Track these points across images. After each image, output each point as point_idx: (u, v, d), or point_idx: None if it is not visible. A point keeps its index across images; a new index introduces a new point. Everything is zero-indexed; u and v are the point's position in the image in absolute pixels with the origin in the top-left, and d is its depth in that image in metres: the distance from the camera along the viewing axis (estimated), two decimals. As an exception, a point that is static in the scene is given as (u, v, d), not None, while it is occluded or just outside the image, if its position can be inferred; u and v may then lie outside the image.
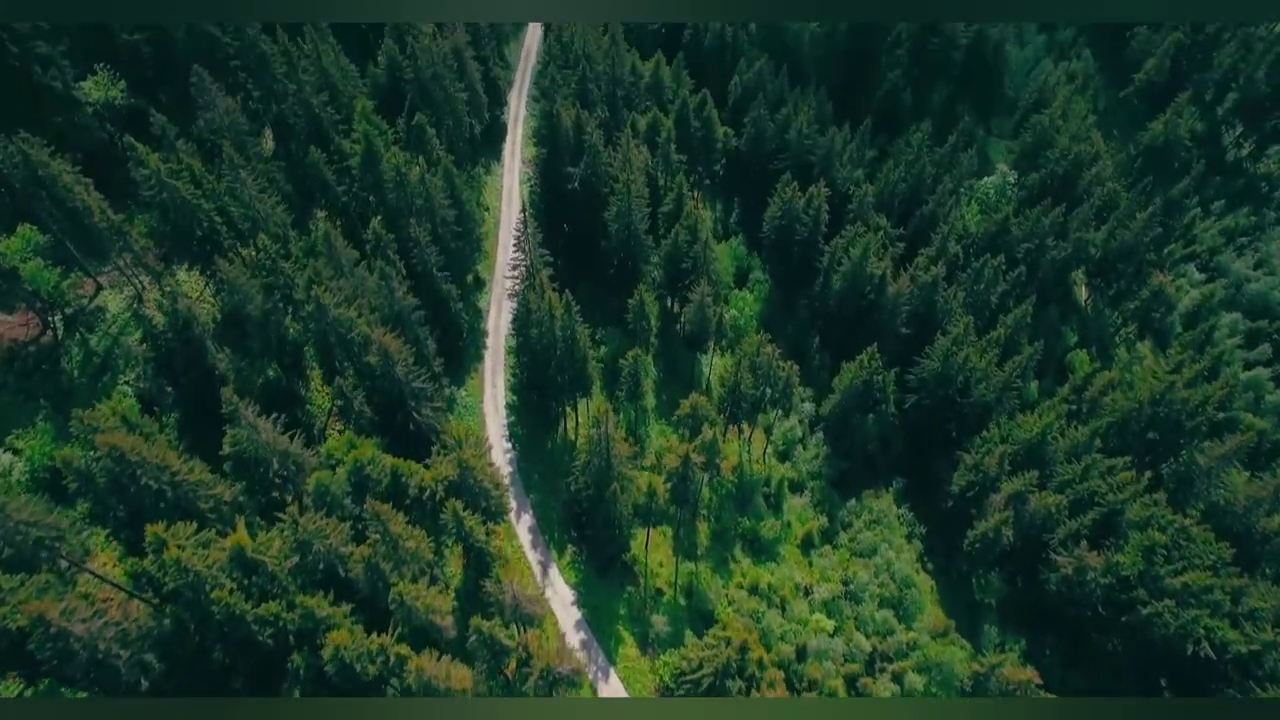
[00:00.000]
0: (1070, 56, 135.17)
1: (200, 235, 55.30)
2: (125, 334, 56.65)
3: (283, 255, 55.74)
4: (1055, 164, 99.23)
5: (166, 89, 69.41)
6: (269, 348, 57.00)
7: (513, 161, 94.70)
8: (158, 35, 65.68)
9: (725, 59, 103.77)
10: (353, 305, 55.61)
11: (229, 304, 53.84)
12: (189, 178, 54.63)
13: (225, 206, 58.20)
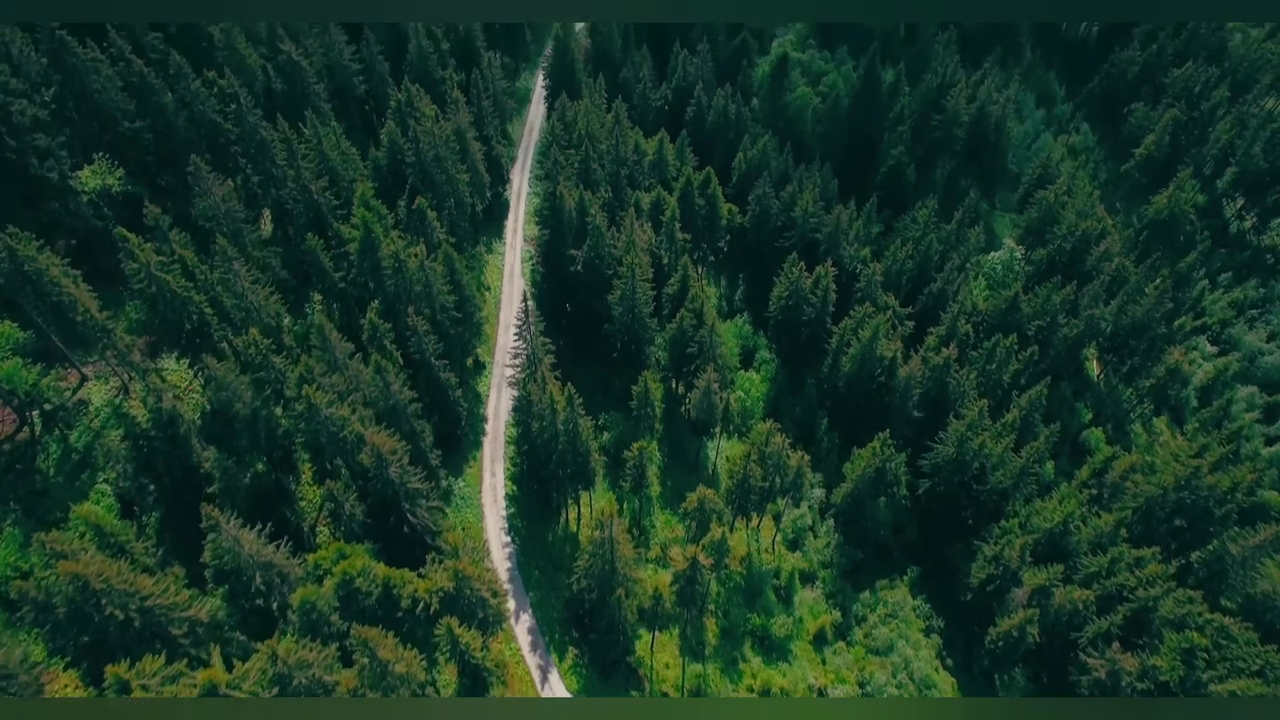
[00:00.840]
0: (1069, 130, 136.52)
1: (190, 328, 53.32)
2: (107, 429, 54.13)
3: (274, 349, 53.63)
4: (1063, 240, 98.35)
5: (167, 173, 68.53)
6: (257, 444, 54.42)
7: (515, 238, 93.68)
8: (159, 122, 64.90)
9: (728, 135, 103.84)
10: (346, 401, 53.30)
11: (216, 400, 51.45)
12: (180, 270, 52.90)
13: (218, 297, 56.41)
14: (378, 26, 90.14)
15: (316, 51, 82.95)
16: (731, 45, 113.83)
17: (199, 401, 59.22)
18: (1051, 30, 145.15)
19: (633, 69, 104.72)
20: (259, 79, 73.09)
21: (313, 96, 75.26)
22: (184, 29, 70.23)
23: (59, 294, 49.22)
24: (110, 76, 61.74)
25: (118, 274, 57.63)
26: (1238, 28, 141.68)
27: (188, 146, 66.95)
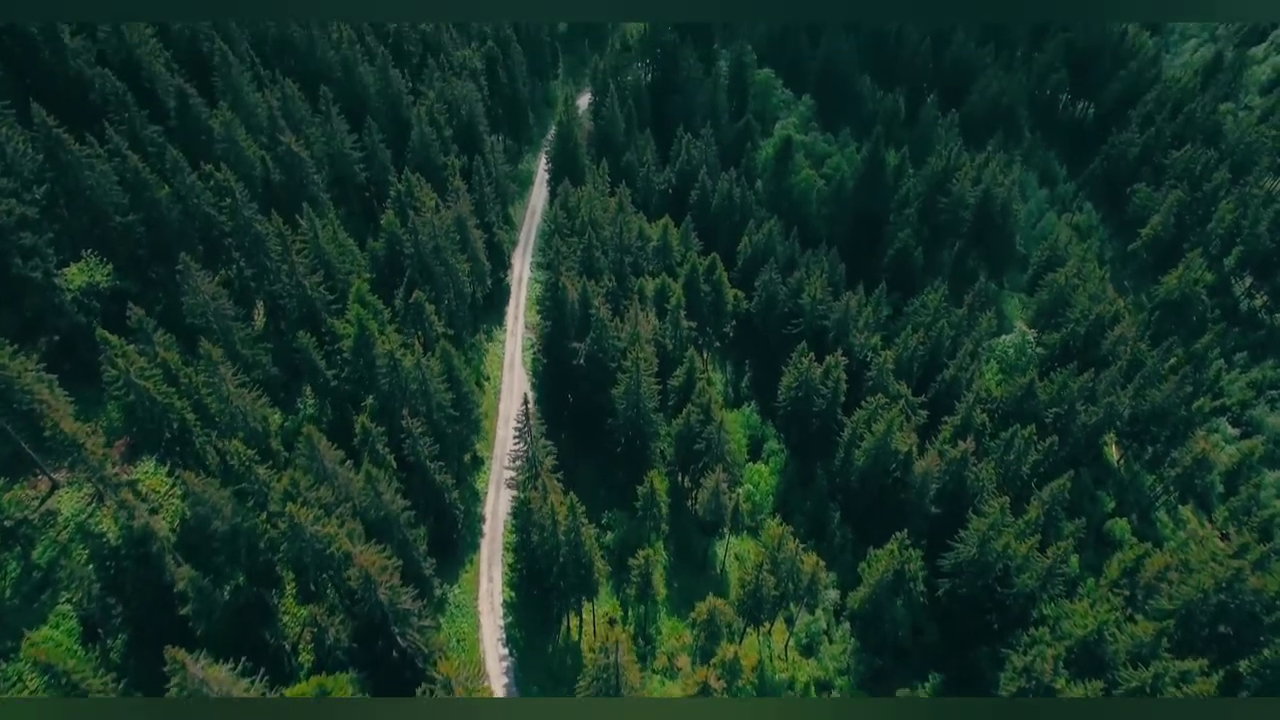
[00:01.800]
0: (1072, 209, 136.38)
1: (170, 437, 50.30)
2: (74, 545, 50.45)
3: (258, 459, 50.42)
4: (1076, 324, 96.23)
5: (159, 266, 66.44)
6: (237, 559, 50.74)
7: (516, 325, 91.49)
8: (153, 215, 63.21)
9: (733, 218, 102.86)
10: (334, 514, 49.82)
11: (194, 517, 48.02)
12: (162, 374, 50.17)
13: (202, 400, 53.55)
14: (379, 115, 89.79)
15: (318, 140, 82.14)
16: (735, 128, 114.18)
17: (178, 507, 55.74)
18: (1048, 111, 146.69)
19: (635, 152, 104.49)
20: (258, 170, 71.86)
21: (311, 186, 73.94)
22: (183, 120, 69.25)
23: (30, 402, 46.32)
24: (105, 172, 60.25)
25: (101, 372, 54.90)
26: (1226, 112, 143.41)
27: (181, 239, 65.11)
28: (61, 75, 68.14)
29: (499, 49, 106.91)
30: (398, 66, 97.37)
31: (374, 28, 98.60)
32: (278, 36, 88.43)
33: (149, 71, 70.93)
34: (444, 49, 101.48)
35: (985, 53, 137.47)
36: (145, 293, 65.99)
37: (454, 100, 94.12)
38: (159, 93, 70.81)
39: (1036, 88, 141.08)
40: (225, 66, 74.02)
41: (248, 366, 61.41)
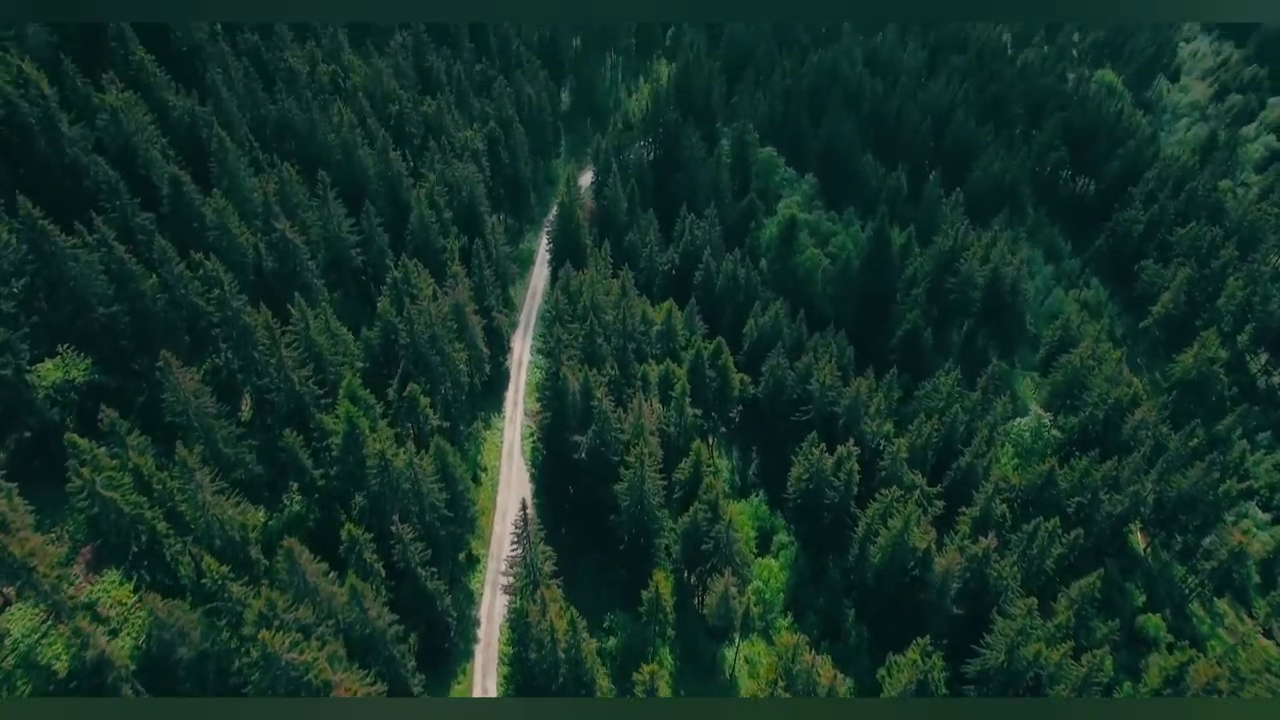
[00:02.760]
0: (1079, 285, 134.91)
1: (137, 551, 46.58)
2: (18, 673, 46.02)
3: (233, 576, 46.52)
4: (1094, 408, 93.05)
5: (142, 357, 63.65)
6: (204, 688, 46.35)
7: (515, 412, 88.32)
8: (138, 306, 60.83)
9: (738, 299, 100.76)
10: (314, 635, 45.68)
11: (157, 644, 43.95)
12: (132, 485, 46.75)
13: (176, 507, 49.98)
14: (378, 198, 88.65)
15: (315, 223, 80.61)
16: (738, 207, 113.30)
17: (144, 622, 51.49)
18: (1050, 187, 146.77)
19: (638, 232, 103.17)
20: (250, 257, 69.87)
21: (305, 273, 71.91)
22: (176, 208, 67.56)
23: (-13, 516, 42.79)
24: (90, 262, 58.08)
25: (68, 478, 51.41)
26: (1226, 190, 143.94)
27: (167, 330, 62.63)
28: (57, 163, 66.85)
29: (501, 129, 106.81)
30: (399, 148, 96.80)
31: (375, 110, 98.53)
32: (278, 120, 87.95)
33: (144, 158, 69.65)
34: (445, 130, 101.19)
35: (985, 131, 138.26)
36: (126, 385, 63.14)
37: (455, 182, 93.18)
38: (154, 179, 69.36)
39: (1037, 165, 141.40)
40: (222, 152, 72.87)
41: (230, 466, 58.01)
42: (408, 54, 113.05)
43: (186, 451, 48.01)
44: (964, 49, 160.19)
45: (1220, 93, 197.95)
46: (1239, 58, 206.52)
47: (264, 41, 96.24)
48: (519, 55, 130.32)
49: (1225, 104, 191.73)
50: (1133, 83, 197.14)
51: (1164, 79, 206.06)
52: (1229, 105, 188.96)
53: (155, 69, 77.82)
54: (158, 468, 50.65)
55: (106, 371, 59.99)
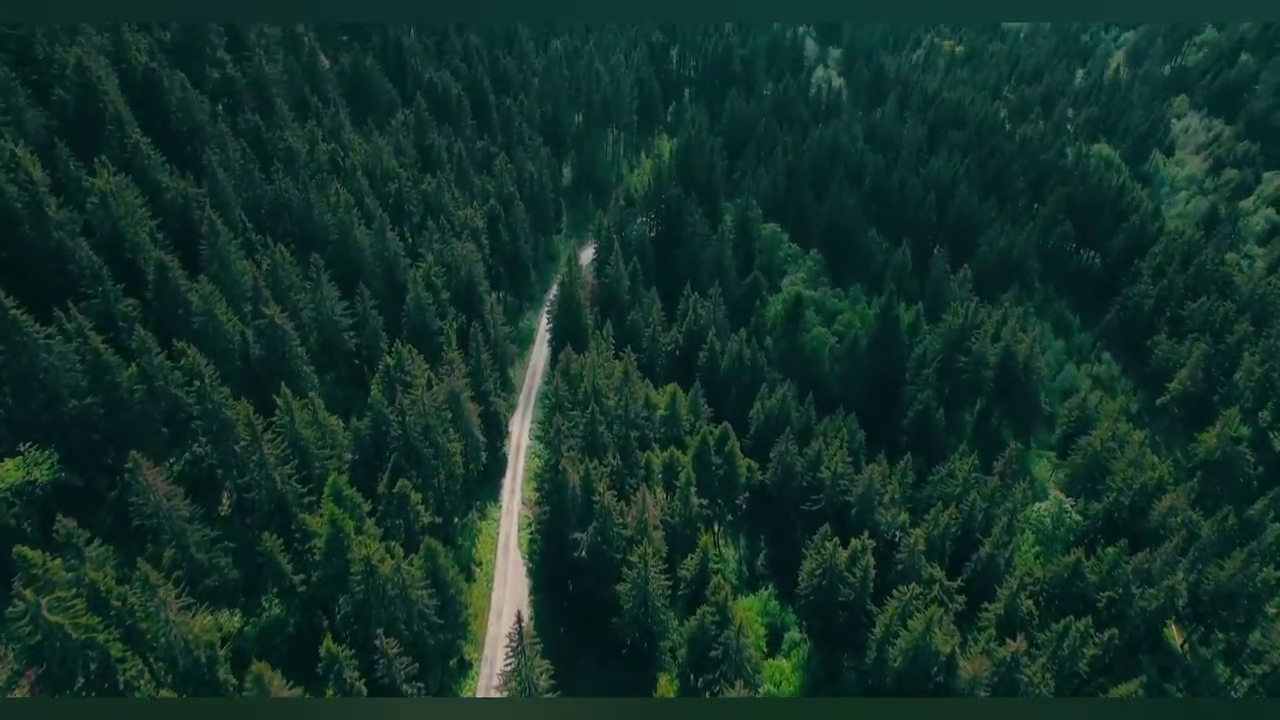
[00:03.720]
0: (1091, 360, 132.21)
1: (85, 680, 42.16)
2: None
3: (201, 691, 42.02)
4: (1119, 493, 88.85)
5: (114, 450, 60.17)
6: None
7: (512, 500, 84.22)
8: (113, 398, 57.66)
9: (743, 379, 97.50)
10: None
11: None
12: (85, 605, 42.59)
13: (137, 624, 45.68)
14: (375, 278, 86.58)
15: (307, 306, 78.22)
16: (742, 285, 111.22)
17: (100, 754, 46.54)
18: (1055, 261, 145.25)
19: (640, 311, 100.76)
20: (235, 345, 67.03)
21: (294, 361, 68.90)
22: (161, 293, 65.06)
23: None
24: (64, 353, 55.20)
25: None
26: (1233, 263, 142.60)
27: (143, 422, 59.36)
28: (41, 248, 64.73)
29: (501, 207, 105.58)
30: (397, 227, 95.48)
31: (374, 189, 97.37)
32: (274, 200, 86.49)
33: (132, 242, 67.54)
34: (445, 208, 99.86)
35: (989, 206, 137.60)
36: (97, 482, 59.58)
37: (453, 261, 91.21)
38: (140, 263, 67.12)
39: (1042, 239, 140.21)
40: (213, 235, 70.83)
41: (203, 571, 53.93)
42: (409, 132, 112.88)
43: (148, 567, 44.03)
44: (962, 125, 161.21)
45: (1215, 167, 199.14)
46: (1230, 134, 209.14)
47: (264, 121, 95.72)
48: (520, 132, 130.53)
49: (1222, 178, 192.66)
50: (1129, 157, 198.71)
51: (1159, 153, 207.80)
52: (1226, 179, 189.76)
53: (150, 151, 76.66)
54: (118, 581, 46.51)
55: (74, 469, 56.43)
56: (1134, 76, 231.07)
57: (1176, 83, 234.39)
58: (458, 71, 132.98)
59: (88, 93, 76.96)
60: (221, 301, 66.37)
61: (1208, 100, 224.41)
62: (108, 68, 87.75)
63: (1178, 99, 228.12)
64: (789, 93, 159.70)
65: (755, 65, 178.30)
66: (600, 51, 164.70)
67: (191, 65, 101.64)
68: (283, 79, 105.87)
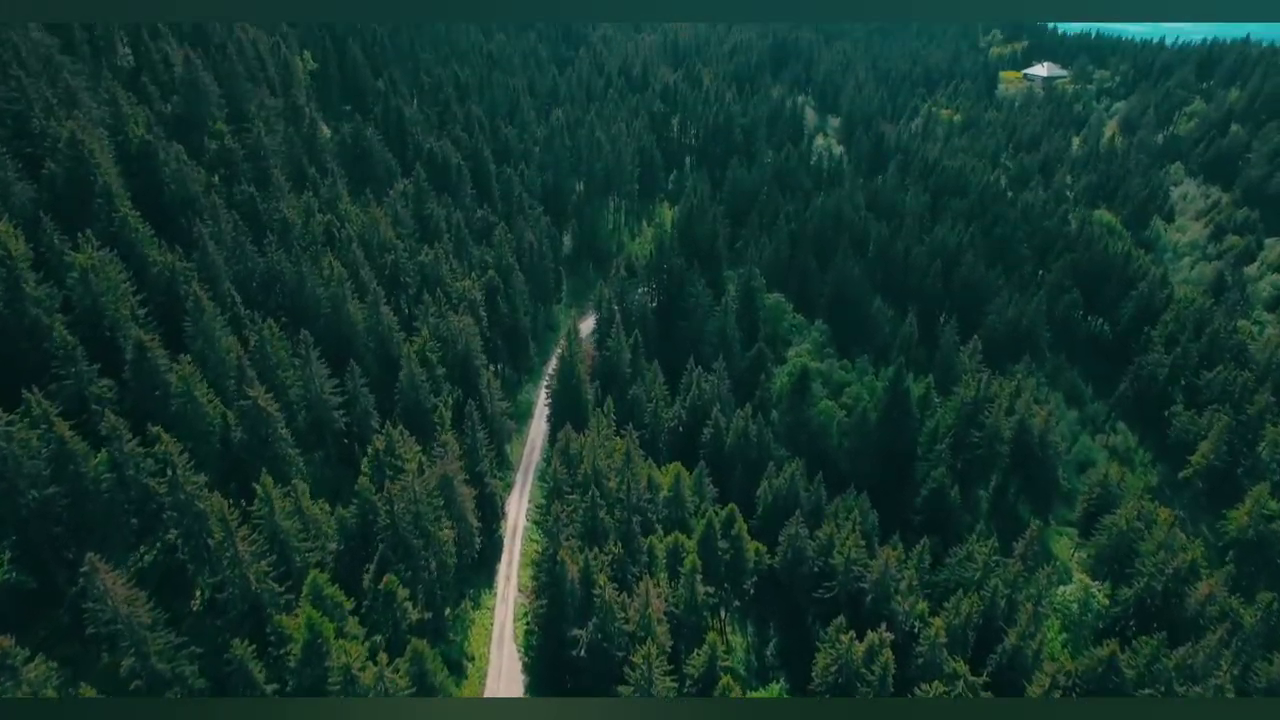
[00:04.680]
0: (1106, 430, 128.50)
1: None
2: None
3: None
4: (1150, 578, 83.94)
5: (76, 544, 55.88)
6: None
7: (508, 588, 79.35)
8: (78, 488, 53.76)
9: (750, 456, 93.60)
10: None
11: None
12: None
13: (86, 751, 40.92)
14: (368, 353, 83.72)
15: (295, 383, 74.98)
16: (747, 357, 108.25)
17: None
18: (1064, 328, 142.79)
19: (643, 386, 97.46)
20: (216, 428, 63.43)
21: (277, 444, 65.17)
22: (139, 373, 61.76)
23: None
24: (25, 441, 51.55)
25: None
26: (1245, 330, 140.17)
27: (110, 513, 55.30)
28: (16, 325, 61.76)
29: (500, 278, 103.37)
30: (392, 300, 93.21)
31: (370, 260, 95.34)
32: (265, 273, 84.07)
33: (112, 319, 64.63)
34: (442, 280, 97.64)
35: (995, 274, 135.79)
36: (55, 578, 55.09)
37: (449, 335, 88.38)
38: (119, 341, 64.09)
39: (1049, 306, 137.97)
40: (198, 312, 68.00)
41: (165, 682, 49.16)
42: (407, 202, 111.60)
43: (88, 688, 39.50)
44: (964, 192, 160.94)
45: (1217, 233, 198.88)
46: (1229, 200, 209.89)
47: (260, 192, 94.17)
48: (521, 201, 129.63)
49: (1224, 244, 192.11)
50: (1129, 223, 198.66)
51: (1159, 219, 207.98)
52: (1228, 245, 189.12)
53: (139, 225, 74.52)
54: (64, 697, 41.92)
55: (31, 565, 52.26)
56: (1129, 144, 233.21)
57: (1170, 151, 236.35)
58: (459, 141, 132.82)
59: (78, 166, 75.18)
60: (202, 383, 63.05)
61: (1203, 168, 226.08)
62: (104, 139, 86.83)
63: (1173, 166, 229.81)
64: (790, 161, 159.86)
65: (756, 134, 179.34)
66: (601, 120, 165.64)
67: (190, 137, 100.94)
68: (281, 149, 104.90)
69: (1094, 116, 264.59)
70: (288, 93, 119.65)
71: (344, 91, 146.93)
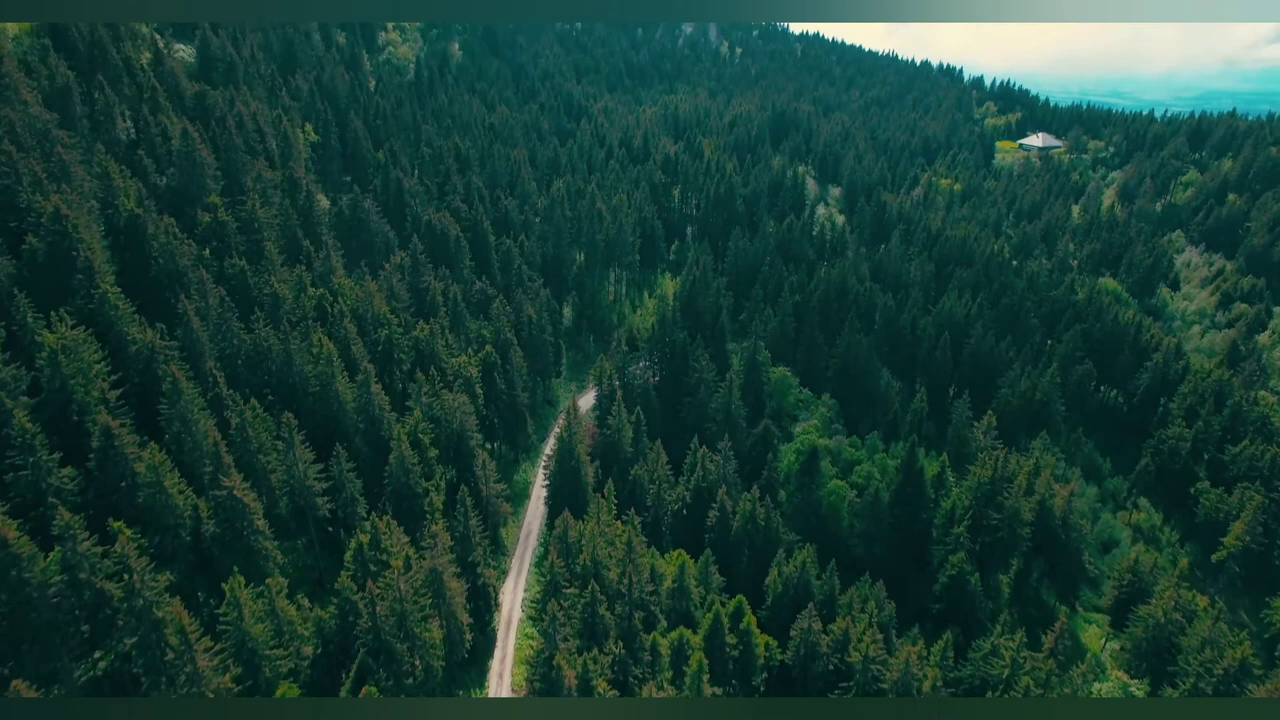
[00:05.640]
0: (1128, 507, 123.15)
1: None
2: None
3: None
4: (1197, 678, 77.79)
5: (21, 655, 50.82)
6: None
7: (500, 686, 73.04)
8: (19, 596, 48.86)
9: (757, 541, 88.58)
10: None
11: None
12: None
13: None
14: (357, 434, 79.74)
15: (278, 467, 70.73)
16: (752, 434, 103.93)
17: None
18: (1078, 400, 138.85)
19: (645, 466, 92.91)
20: (187, 521, 58.92)
21: (254, 537, 60.55)
22: (104, 463, 57.55)
23: None
24: (-30, 542, 47.07)
25: None
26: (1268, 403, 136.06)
27: (56, 620, 50.31)
28: (-20, 408, 57.88)
29: (498, 354, 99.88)
30: (385, 377, 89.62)
31: (364, 335, 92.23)
32: (252, 351, 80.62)
33: (81, 402, 60.84)
34: (437, 356, 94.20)
35: (1005, 345, 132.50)
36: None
37: (442, 415, 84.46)
38: (88, 426, 60.12)
39: (1063, 379, 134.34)
40: (174, 394, 64.21)
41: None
42: (404, 275, 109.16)
43: None
44: (969, 262, 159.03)
45: (1224, 301, 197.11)
46: (1233, 268, 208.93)
47: (251, 266, 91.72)
48: (520, 273, 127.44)
49: (1233, 312, 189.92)
50: (1135, 291, 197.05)
51: (1164, 287, 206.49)
52: (1238, 313, 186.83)
53: (120, 301, 71.28)
54: None
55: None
56: (1129, 213, 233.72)
57: (1170, 219, 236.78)
58: (458, 212, 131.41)
59: (61, 240, 72.58)
60: (173, 472, 58.79)
61: (1204, 236, 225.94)
62: (94, 213, 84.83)
63: (1174, 234, 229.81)
64: (793, 231, 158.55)
65: (757, 204, 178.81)
66: (603, 191, 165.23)
67: (185, 210, 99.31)
68: (276, 222, 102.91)
69: (1091, 185, 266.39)
70: (286, 165, 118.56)
71: (345, 163, 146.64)
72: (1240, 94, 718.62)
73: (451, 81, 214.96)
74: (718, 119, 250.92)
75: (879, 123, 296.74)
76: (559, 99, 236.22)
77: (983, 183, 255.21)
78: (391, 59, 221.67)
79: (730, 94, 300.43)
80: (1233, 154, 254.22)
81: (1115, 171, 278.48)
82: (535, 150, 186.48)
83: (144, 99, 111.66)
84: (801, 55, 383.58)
